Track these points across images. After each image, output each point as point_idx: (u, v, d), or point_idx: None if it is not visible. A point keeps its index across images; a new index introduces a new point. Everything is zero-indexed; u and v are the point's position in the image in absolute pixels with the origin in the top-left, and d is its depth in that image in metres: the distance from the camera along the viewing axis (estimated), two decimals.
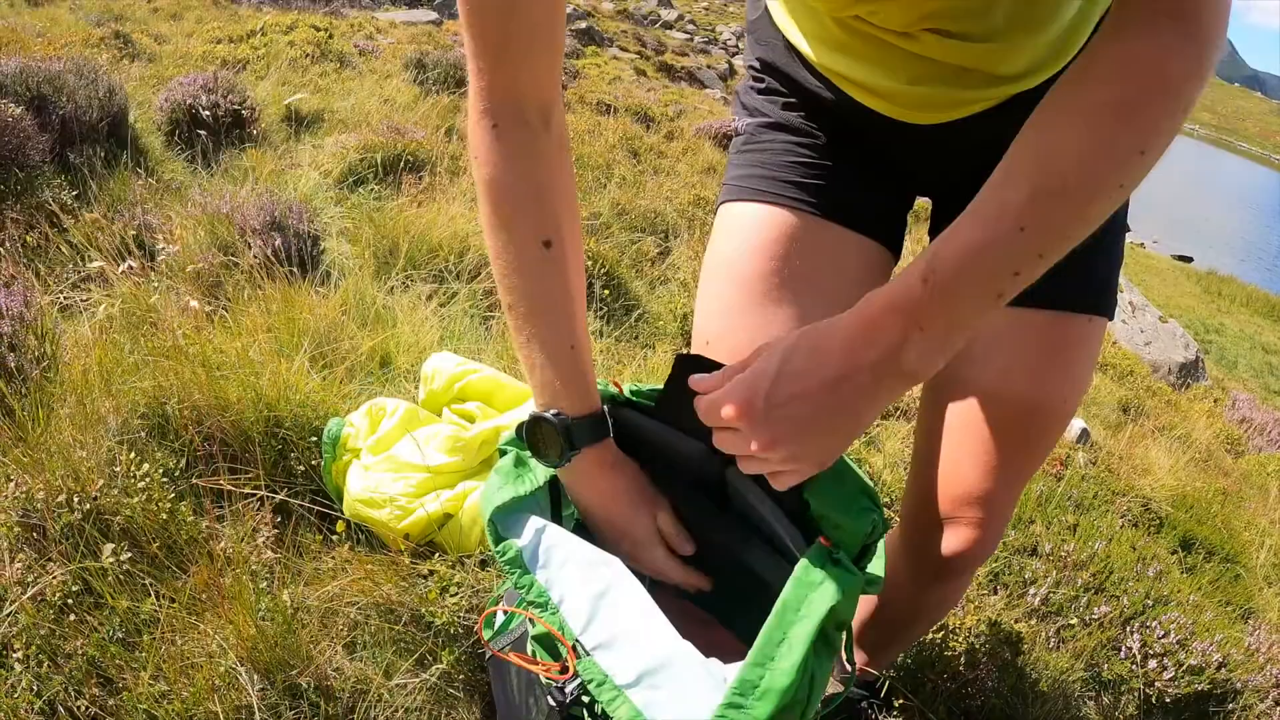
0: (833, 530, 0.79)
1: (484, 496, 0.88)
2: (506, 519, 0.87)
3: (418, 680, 1.32)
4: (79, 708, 1.17)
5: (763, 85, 1.14)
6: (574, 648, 0.77)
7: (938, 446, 1.12)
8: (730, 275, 1.06)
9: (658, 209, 4.00)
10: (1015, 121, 1.03)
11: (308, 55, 5.87)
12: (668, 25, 23.23)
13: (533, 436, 0.89)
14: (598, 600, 0.79)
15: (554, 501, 0.96)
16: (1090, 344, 1.08)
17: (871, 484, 0.82)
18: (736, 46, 22.06)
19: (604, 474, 0.93)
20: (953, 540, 1.18)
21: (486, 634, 0.99)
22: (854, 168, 1.08)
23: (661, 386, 0.92)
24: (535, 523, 0.86)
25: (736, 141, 1.16)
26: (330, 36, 6.67)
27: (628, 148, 5.09)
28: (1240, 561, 3.25)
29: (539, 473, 0.92)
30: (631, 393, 0.97)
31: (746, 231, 1.06)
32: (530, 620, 0.81)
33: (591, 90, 7.41)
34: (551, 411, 0.87)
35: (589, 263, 2.79)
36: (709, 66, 18.24)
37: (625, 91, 7.69)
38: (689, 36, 22.21)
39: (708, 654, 0.78)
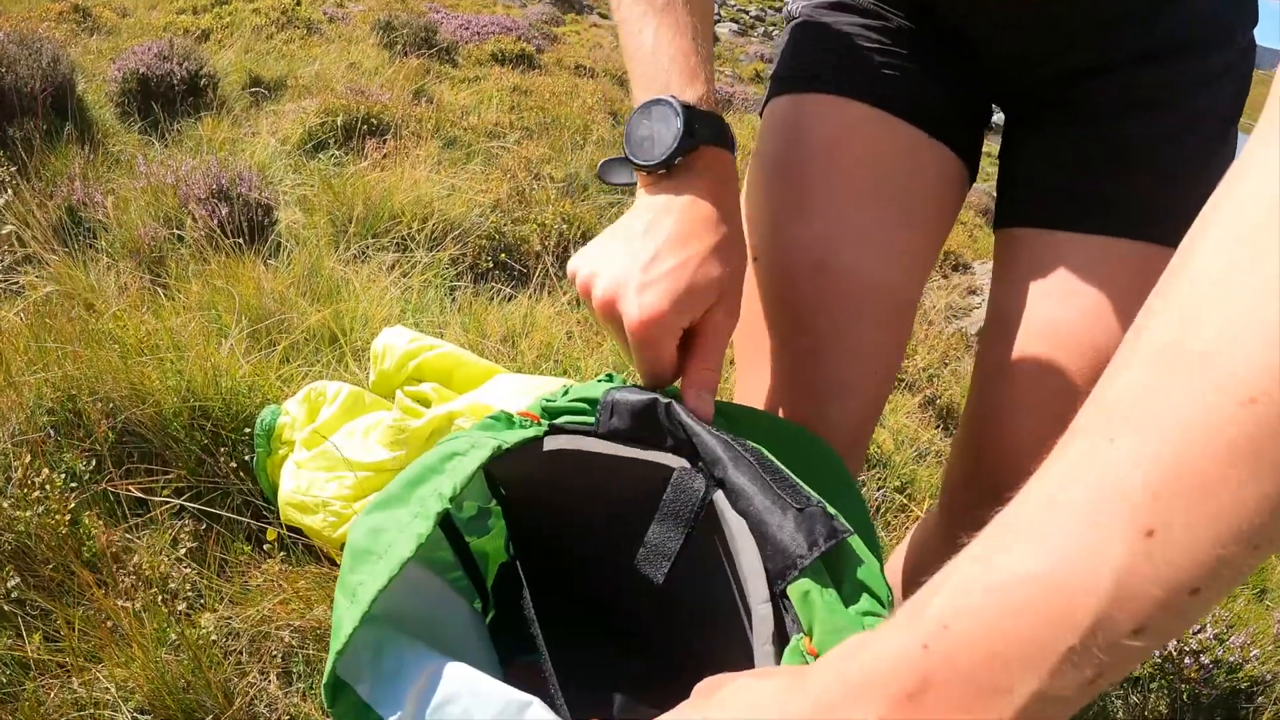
0: (821, 639, 0.51)
1: (335, 616, 0.52)
2: (374, 645, 0.52)
3: None
4: None
5: None
6: None
7: (997, 401, 0.91)
8: (786, 178, 0.85)
9: None
10: (1112, 11, 0.82)
11: (273, 23, 5.61)
12: None
13: (637, 130, 0.67)
14: None
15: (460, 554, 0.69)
16: None
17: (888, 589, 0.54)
18: (718, 14, 21.71)
19: (720, 187, 0.67)
20: None
21: None
22: (930, 61, 0.89)
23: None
24: (410, 655, 0.52)
25: (788, 28, 0.95)
26: (298, 3, 6.39)
27: (608, 109, 4.85)
28: None
29: (427, 510, 0.53)
30: (550, 410, 0.66)
31: (806, 127, 0.87)
32: None
33: (570, 55, 7.14)
34: (667, 94, 0.67)
35: (564, 225, 2.57)
36: None
37: (605, 57, 7.41)
38: None
39: None
